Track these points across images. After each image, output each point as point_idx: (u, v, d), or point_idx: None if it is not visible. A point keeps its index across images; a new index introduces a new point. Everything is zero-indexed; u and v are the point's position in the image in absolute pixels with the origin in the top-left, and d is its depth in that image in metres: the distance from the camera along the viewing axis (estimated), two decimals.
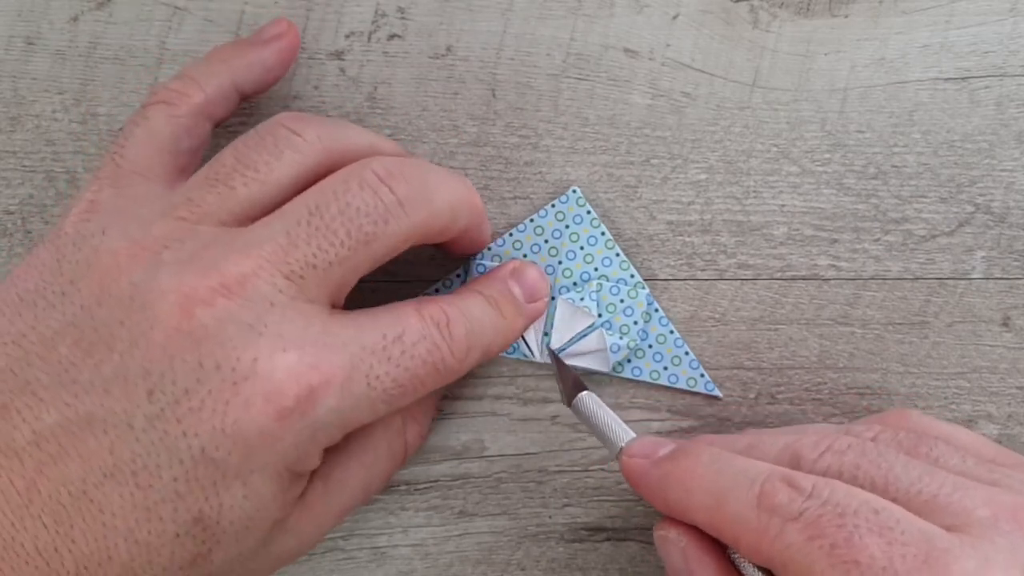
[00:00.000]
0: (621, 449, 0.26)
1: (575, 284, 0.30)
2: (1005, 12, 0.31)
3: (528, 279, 0.29)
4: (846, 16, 0.31)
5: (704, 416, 0.31)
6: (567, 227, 0.30)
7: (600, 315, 0.30)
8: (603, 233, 0.30)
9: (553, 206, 0.30)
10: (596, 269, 0.30)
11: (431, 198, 0.25)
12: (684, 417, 0.31)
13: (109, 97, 0.30)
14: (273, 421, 0.22)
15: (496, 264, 0.30)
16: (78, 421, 0.22)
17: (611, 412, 0.27)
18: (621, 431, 0.27)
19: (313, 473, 0.25)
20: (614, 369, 0.30)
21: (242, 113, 0.31)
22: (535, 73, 0.31)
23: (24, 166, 0.30)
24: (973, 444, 0.26)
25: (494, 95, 0.31)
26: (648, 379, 0.30)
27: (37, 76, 0.30)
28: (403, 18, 0.31)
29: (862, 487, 0.22)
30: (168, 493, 0.22)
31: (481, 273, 0.30)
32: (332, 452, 0.25)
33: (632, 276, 0.30)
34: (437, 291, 0.30)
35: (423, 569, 0.30)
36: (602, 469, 0.31)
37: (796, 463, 0.24)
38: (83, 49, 0.30)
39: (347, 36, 0.31)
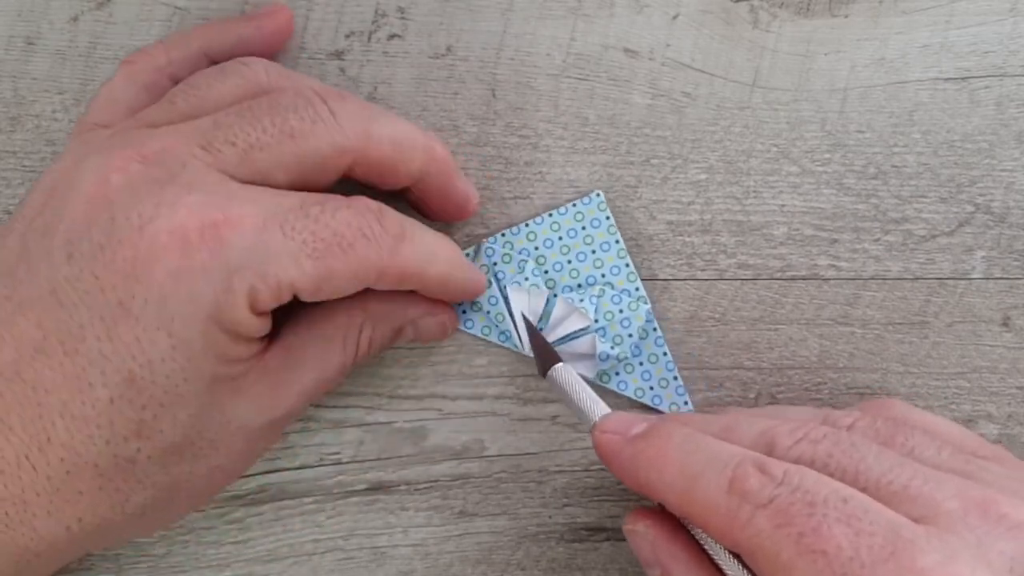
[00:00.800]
0: (595, 424, 0.26)
1: (579, 286, 0.30)
2: (1005, 12, 0.31)
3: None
4: (846, 16, 0.31)
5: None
6: (583, 228, 0.30)
7: (596, 320, 0.30)
8: (617, 241, 0.30)
9: (574, 205, 0.30)
10: (603, 275, 0.30)
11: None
12: None
13: None
14: (179, 258, 0.22)
15: (507, 249, 0.30)
16: (11, 308, 0.23)
17: (586, 385, 0.27)
18: (595, 405, 0.26)
19: (272, 342, 0.25)
20: (599, 378, 0.30)
21: None
22: (535, 73, 0.31)
23: (24, 166, 0.30)
24: (954, 435, 0.26)
25: (494, 95, 0.31)
26: (632, 395, 0.30)
27: (37, 76, 0.30)
28: (403, 18, 0.31)
29: (833, 476, 0.22)
30: (94, 356, 0.22)
31: (490, 256, 0.30)
32: (291, 323, 0.26)
33: (637, 289, 0.30)
34: None
35: (423, 569, 0.30)
36: (602, 469, 0.31)
37: (771, 449, 0.23)
38: (83, 49, 0.30)
39: (347, 36, 0.31)
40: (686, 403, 0.30)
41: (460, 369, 0.31)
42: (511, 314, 0.30)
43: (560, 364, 0.28)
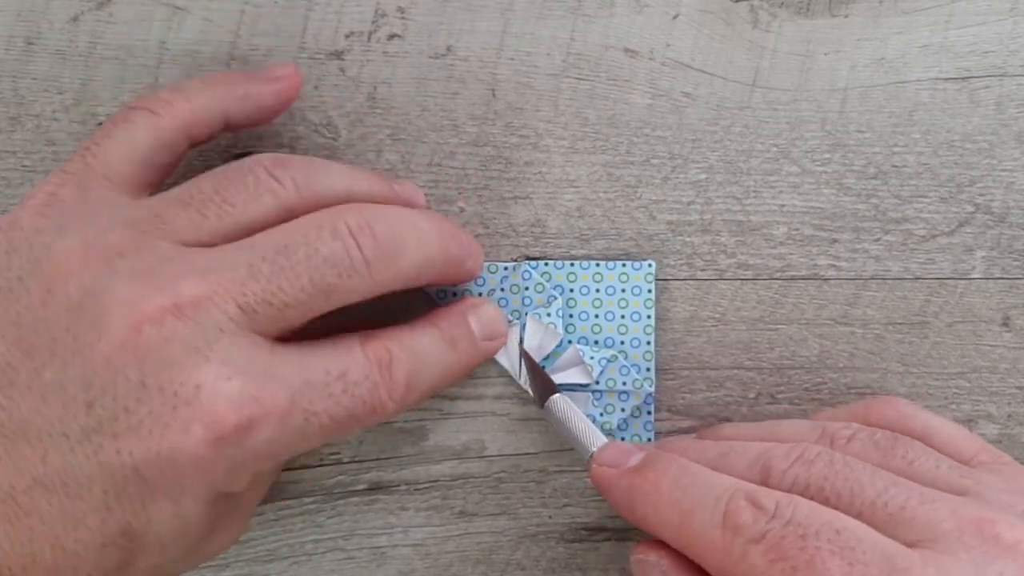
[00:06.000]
0: (592, 455, 0.26)
1: (596, 342, 0.30)
2: (1005, 12, 0.31)
3: (486, 316, 0.28)
4: (846, 16, 0.31)
5: (704, 416, 0.31)
6: (623, 291, 0.30)
7: (597, 382, 0.30)
8: (649, 316, 0.30)
9: (624, 265, 0.30)
10: (622, 342, 0.30)
11: (399, 258, 0.25)
12: (684, 417, 0.31)
13: (109, 97, 0.30)
14: (209, 448, 0.22)
15: (544, 280, 0.30)
16: (12, 427, 0.22)
17: (583, 416, 0.27)
18: (592, 435, 0.27)
19: None
20: None
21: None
22: (535, 73, 0.31)
23: (24, 166, 0.30)
24: (954, 440, 0.26)
25: (494, 95, 0.31)
26: None
27: (37, 76, 0.30)
28: (403, 18, 0.31)
29: (827, 500, 0.22)
30: (97, 505, 0.22)
31: (525, 279, 0.30)
32: None
33: (648, 369, 0.30)
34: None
35: (423, 569, 0.30)
36: None
37: (767, 474, 0.24)
38: (83, 49, 0.30)
39: (347, 36, 0.31)
40: None
41: None
42: (522, 342, 0.30)
43: (557, 395, 0.28)
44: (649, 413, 0.30)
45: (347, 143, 0.31)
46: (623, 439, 0.30)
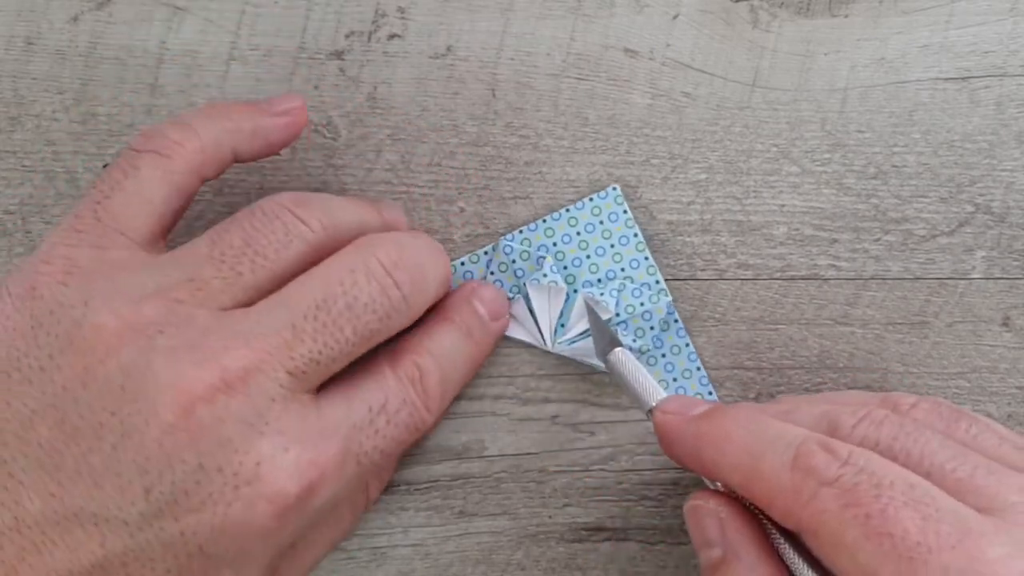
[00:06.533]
0: (652, 407, 0.26)
1: (599, 280, 0.30)
2: (1005, 12, 0.31)
3: (488, 297, 0.29)
4: (846, 16, 0.31)
5: None
6: (601, 223, 0.30)
7: (618, 314, 0.30)
8: (636, 235, 0.30)
9: (591, 200, 0.30)
10: (623, 269, 0.30)
11: (427, 286, 0.26)
12: None
13: (109, 97, 0.30)
14: (275, 521, 0.22)
15: (525, 246, 0.30)
16: (65, 512, 0.22)
17: (644, 369, 0.27)
18: (653, 389, 0.27)
19: None
20: None
21: None
22: (535, 73, 0.31)
23: (24, 166, 0.30)
24: (1006, 432, 0.26)
25: (494, 95, 0.31)
26: None
27: (37, 76, 0.30)
28: (403, 18, 0.31)
29: (896, 459, 0.22)
30: None
31: (508, 253, 0.30)
32: None
33: (657, 282, 0.30)
34: (463, 264, 0.30)
35: (423, 569, 0.30)
36: (602, 469, 0.31)
37: (833, 430, 0.23)
38: (83, 49, 0.30)
39: (347, 36, 0.31)
40: (710, 393, 0.30)
41: None
42: (532, 312, 0.30)
43: (619, 348, 0.28)
44: (676, 321, 0.30)
45: (347, 143, 0.31)
46: (663, 355, 0.30)
